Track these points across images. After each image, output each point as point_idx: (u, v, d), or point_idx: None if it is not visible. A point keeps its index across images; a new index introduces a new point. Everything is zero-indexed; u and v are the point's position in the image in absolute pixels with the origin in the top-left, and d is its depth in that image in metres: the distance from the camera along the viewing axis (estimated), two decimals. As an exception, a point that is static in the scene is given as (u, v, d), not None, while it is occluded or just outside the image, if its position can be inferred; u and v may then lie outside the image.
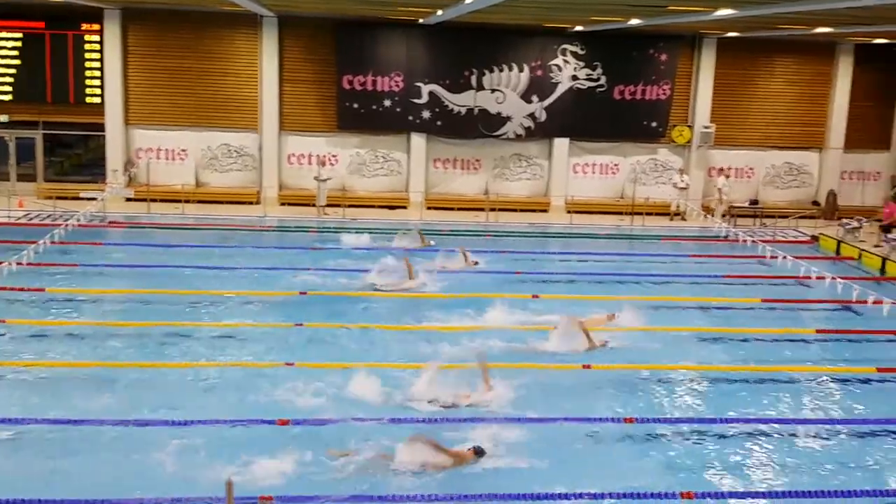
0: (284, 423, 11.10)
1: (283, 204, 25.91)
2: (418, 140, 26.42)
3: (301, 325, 15.12)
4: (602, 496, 9.59)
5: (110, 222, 22.90)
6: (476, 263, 19.61)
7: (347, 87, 25.66)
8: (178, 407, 11.61)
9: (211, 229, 22.67)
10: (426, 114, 26.07)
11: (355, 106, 25.81)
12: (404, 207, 26.17)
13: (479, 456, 10.32)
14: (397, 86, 25.81)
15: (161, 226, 22.96)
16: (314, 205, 24.93)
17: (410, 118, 26.08)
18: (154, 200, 24.61)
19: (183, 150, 26.09)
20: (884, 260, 21.58)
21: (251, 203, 25.75)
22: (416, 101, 25.94)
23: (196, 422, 11.06)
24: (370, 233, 22.30)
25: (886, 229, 23.13)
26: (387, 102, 25.88)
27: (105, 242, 21.07)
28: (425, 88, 25.94)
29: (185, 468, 10.03)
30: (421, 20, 23.90)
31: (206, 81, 25.78)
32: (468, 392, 12.11)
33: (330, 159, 25.90)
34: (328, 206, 24.92)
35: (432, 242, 21.39)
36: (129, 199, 24.69)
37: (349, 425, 11.08)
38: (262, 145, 26.10)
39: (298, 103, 26.20)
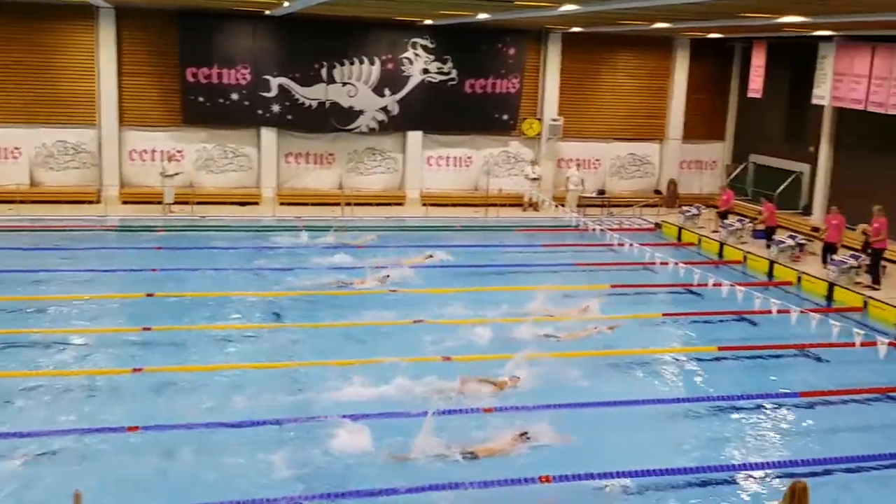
0: (134, 429, 10.63)
1: (125, 203, 24.73)
2: (269, 134, 25.82)
3: (149, 328, 14.49)
4: (462, 486, 9.61)
5: (-66, 226, 21.27)
6: (430, 257, 19.82)
7: (192, 80, 24.77)
8: (18, 418, 10.95)
9: (48, 231, 21.42)
10: (276, 107, 25.51)
11: (201, 99, 24.94)
12: (256, 203, 25.52)
13: (524, 440, 10.58)
14: (244, 79, 25.11)
15: (-8, 228, 21.52)
16: (160, 202, 23.92)
17: (260, 112, 25.43)
18: (-16, 202, 23.06)
19: (16, 149, 24.44)
20: (721, 245, 22.73)
21: (91, 202, 24.45)
22: (265, 94, 25.33)
23: (38, 433, 10.47)
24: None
25: (723, 216, 24.34)
26: (234, 96, 25.13)
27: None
28: (274, 82, 25.36)
29: (29, 482, 9.49)
30: (268, 12, 23.32)
31: (38, 76, 24.22)
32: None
33: (175, 155, 24.91)
34: (175, 203, 23.97)
35: (372, 239, 21.58)
36: (-45, 201, 23.05)
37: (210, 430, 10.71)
38: (101, 142, 24.84)
39: (139, 97, 25.06)
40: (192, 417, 11.09)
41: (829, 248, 20.08)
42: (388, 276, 18.03)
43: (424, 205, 26.39)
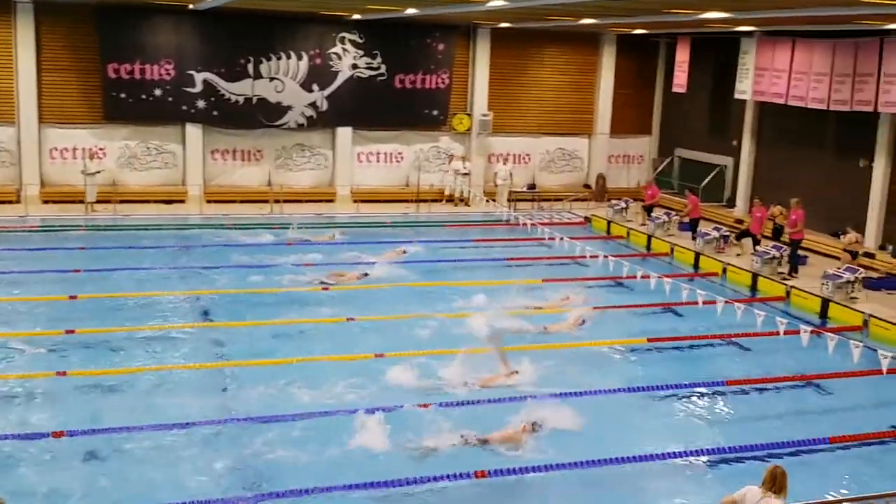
0: (59, 434, 10.34)
1: (46, 202, 23.98)
2: (194, 130, 25.29)
3: (73, 331, 14.07)
4: (390, 484, 9.57)
5: None
6: (405, 252, 19.87)
7: (113, 75, 24.12)
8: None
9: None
10: (201, 103, 25.00)
11: (122, 95, 24.31)
12: (182, 201, 24.98)
13: (535, 430, 10.73)
14: (168, 74, 24.56)
15: None
16: (82, 201, 23.26)
17: (184, 108, 24.90)
18: None
19: (-70, 148, 23.61)
20: (649, 237, 23.11)
21: (11, 202, 23.63)
22: (189, 89, 24.80)
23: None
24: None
25: (648, 210, 24.74)
26: (157, 91, 24.56)
27: None
28: (199, 77, 24.85)
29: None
30: (192, 5, 22.87)
31: (-48, 72, 23.43)
32: (491, 375, 12.39)
33: (97, 152, 24.23)
34: (98, 202, 23.35)
35: (336, 236, 21.51)
36: None
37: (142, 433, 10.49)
38: (20, 140, 24.01)
39: (60, 94, 24.30)
40: (119, 421, 10.84)
41: (749, 236, 20.90)
42: (366, 273, 17.99)
43: (355, 201, 26.22)
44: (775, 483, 7.87)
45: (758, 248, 20.21)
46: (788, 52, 22.29)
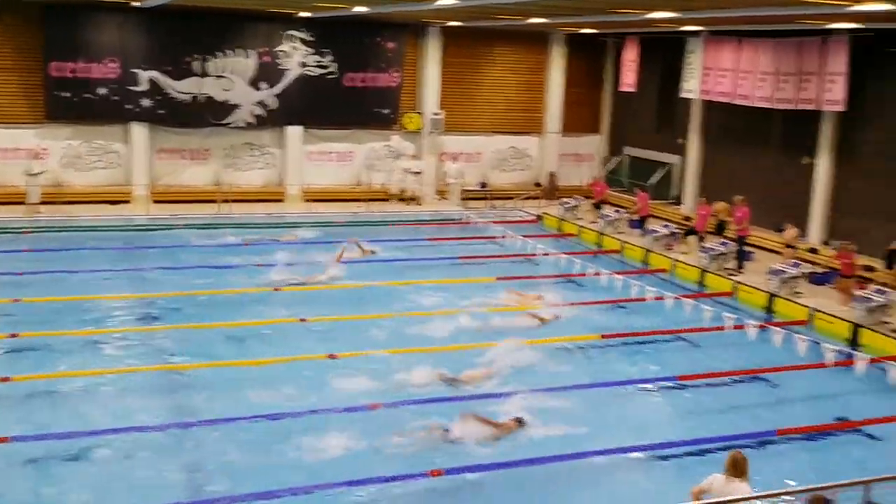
0: (3, 440, 10.13)
1: (-13, 203, 23.45)
2: (139, 130, 24.84)
3: (16, 335, 13.73)
4: (355, 483, 9.51)
5: None
6: (373, 252, 19.73)
7: (56, 74, 23.59)
8: None
9: None
10: (147, 102, 24.57)
11: (66, 94, 23.79)
12: (127, 202, 24.54)
13: (521, 425, 10.92)
14: (113, 73, 24.08)
15: None
16: (24, 203, 22.73)
17: (129, 107, 24.45)
18: None
19: None
20: (600, 234, 23.31)
21: (-50, 204, 23.09)
22: (134, 88, 24.36)
23: None
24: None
25: (598, 206, 24.96)
26: (101, 90, 24.07)
27: None
28: (144, 75, 24.42)
29: None
30: (136, 3, 22.47)
31: None
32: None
33: (41, 152, 23.69)
34: (41, 203, 22.83)
35: (299, 236, 21.71)
36: None
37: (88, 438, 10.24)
38: (-41, 140, 23.45)
39: (2, 93, 23.72)
40: (66, 426, 10.61)
41: (694, 233, 21.42)
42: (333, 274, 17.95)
43: (307, 201, 25.99)
44: (737, 468, 8.12)
45: (703, 244, 20.50)
46: (734, 51, 22.63)
